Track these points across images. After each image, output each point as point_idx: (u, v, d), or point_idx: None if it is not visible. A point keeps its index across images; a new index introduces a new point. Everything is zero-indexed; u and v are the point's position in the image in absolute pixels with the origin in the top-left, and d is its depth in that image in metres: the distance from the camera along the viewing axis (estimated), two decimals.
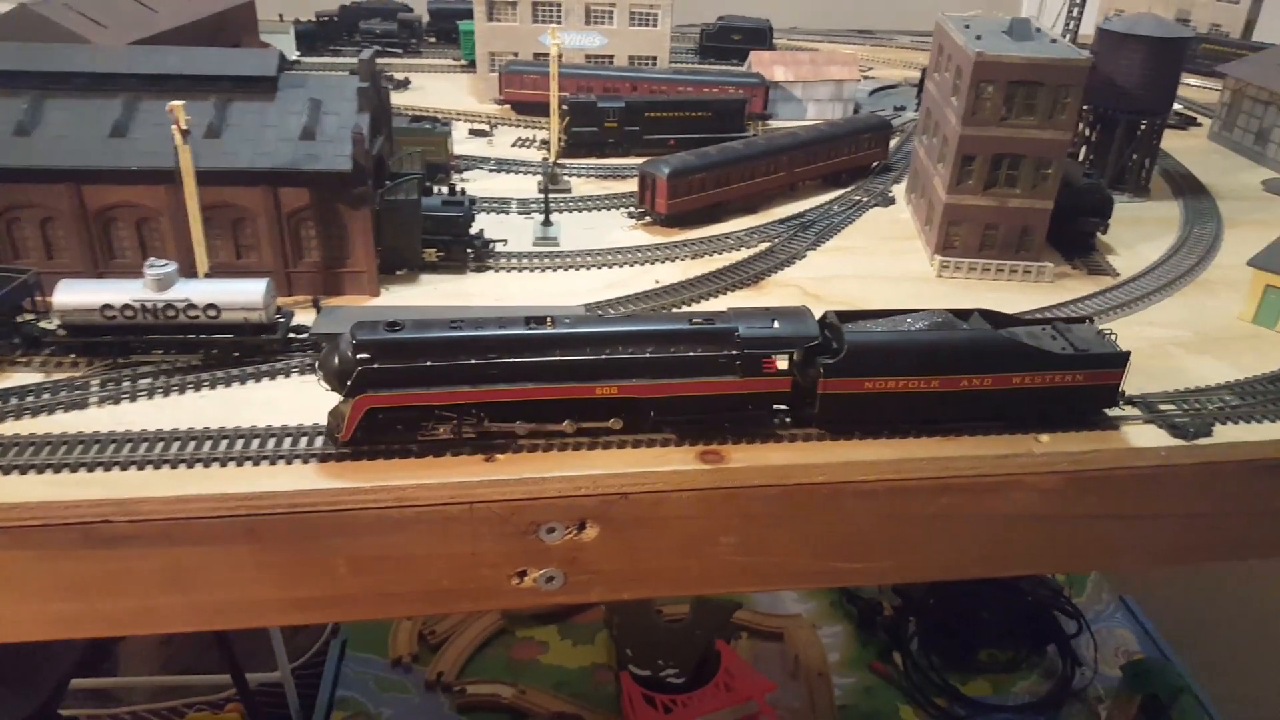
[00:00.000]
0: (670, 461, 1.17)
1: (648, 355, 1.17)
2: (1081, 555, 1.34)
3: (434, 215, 1.54)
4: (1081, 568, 1.34)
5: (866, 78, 2.90)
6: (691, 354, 1.18)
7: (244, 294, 1.26)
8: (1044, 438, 1.26)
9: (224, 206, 1.40)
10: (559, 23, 2.40)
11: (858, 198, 2.01)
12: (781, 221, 1.88)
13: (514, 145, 2.22)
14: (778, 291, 1.62)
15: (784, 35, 3.39)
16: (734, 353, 1.19)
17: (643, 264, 1.68)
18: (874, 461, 1.21)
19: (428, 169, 1.84)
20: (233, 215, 1.41)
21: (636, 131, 2.12)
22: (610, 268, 1.66)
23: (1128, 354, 1.28)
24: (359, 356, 1.09)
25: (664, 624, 2.76)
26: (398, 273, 1.56)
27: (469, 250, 1.60)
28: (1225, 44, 3.15)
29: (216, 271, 1.40)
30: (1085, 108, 2.06)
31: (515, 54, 2.43)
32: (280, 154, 1.39)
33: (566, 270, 1.64)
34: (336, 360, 1.11)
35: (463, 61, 2.72)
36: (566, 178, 2.00)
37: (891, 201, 2.01)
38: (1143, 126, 2.02)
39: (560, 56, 2.38)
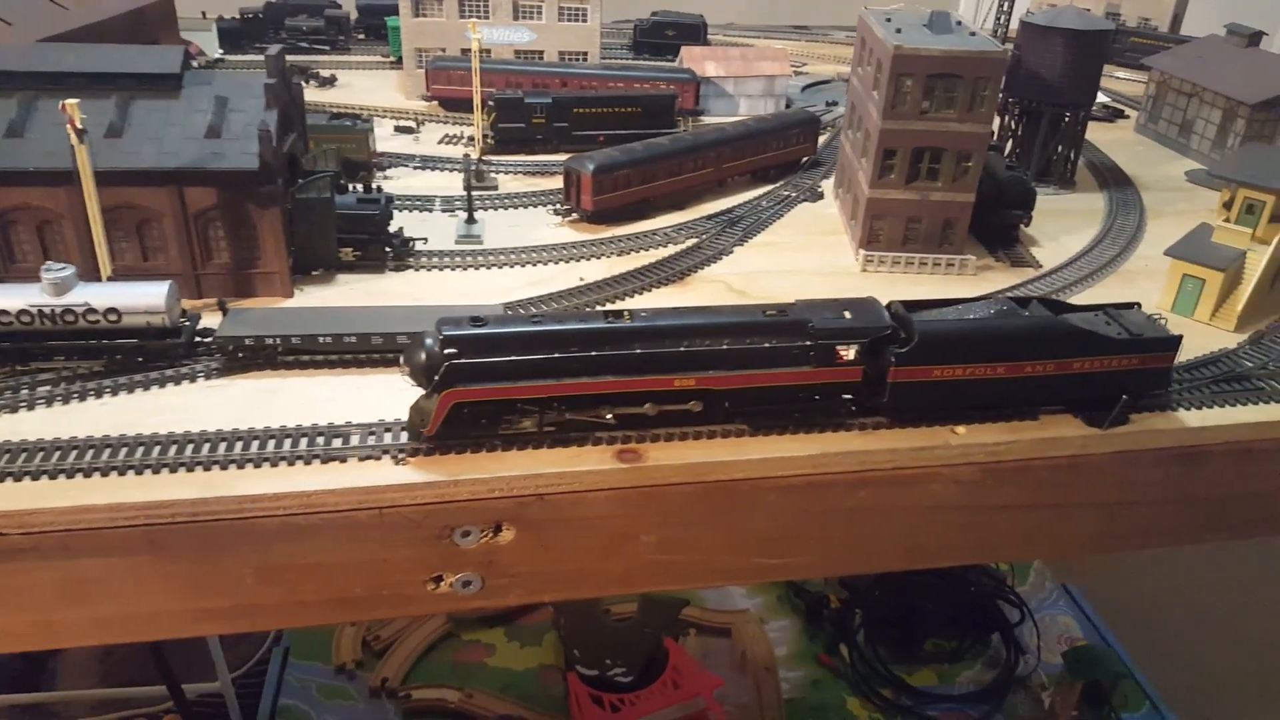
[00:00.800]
0: (587, 461, 1.16)
1: (724, 347, 1.19)
2: (1002, 545, 1.34)
3: (349, 214, 1.51)
4: (1002, 558, 1.35)
5: (800, 73, 2.90)
6: (766, 345, 1.20)
7: (145, 297, 1.22)
8: (960, 429, 1.26)
9: (128, 208, 1.35)
10: (486, 18, 2.37)
11: (786, 193, 2.01)
12: (709, 217, 1.87)
13: (441, 142, 2.19)
14: (703, 288, 1.61)
15: (720, 31, 3.39)
16: (808, 343, 1.20)
17: (567, 261, 1.66)
18: (792, 457, 1.20)
19: (347, 167, 1.81)
20: (138, 217, 1.37)
21: (565, 128, 2.10)
22: (534, 265, 1.63)
23: (1180, 337, 1.30)
24: (447, 351, 1.10)
25: (612, 623, 2.75)
26: (313, 273, 1.52)
27: (387, 249, 1.57)
28: (1153, 37, 3.21)
29: (123, 274, 1.35)
30: (1011, 101, 2.08)
31: (443, 49, 2.39)
32: (185, 153, 1.35)
33: (489, 268, 1.61)
34: (423, 356, 1.11)
35: (392, 58, 2.68)
36: (493, 175, 1.98)
37: (820, 196, 2.01)
38: (1066, 119, 2.04)
39: (489, 52, 2.37)
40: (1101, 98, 2.79)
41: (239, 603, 1.13)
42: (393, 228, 1.59)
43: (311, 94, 2.46)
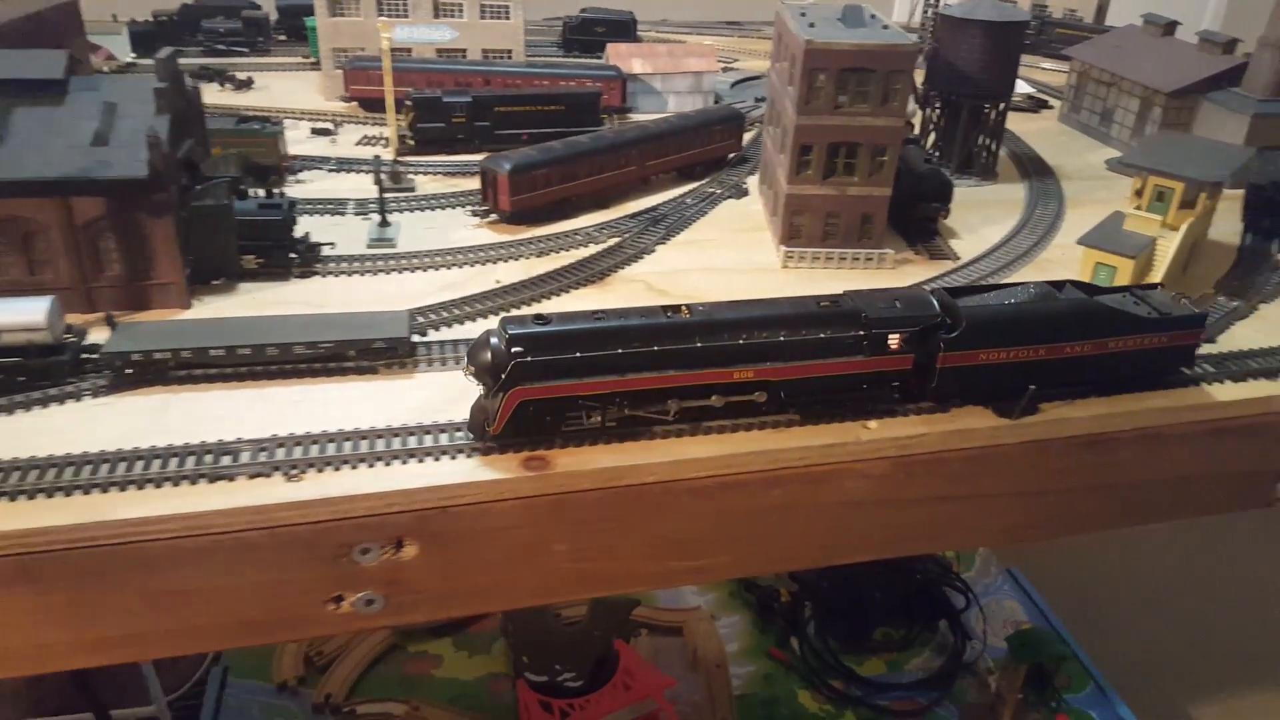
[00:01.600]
0: (491, 471, 1.13)
1: (781, 339, 1.20)
2: (917, 538, 1.34)
3: (249, 220, 1.46)
4: (919, 549, 1.35)
5: (731, 69, 2.89)
6: (822, 335, 1.21)
7: (25, 314, 1.17)
8: (872, 424, 1.25)
9: (11, 220, 1.30)
10: (406, 16, 2.32)
11: (711, 190, 1.99)
12: (633, 216, 1.85)
13: (359, 144, 2.14)
14: (623, 288, 1.59)
15: (653, 28, 3.37)
16: (861, 333, 1.22)
17: (484, 263, 1.62)
18: (703, 458, 1.18)
19: (256, 171, 1.76)
20: (22, 229, 1.31)
21: (487, 127, 2.06)
22: (448, 268, 1.60)
23: (1205, 315, 1.36)
24: (513, 350, 1.11)
25: (561, 627, 2.72)
26: (214, 282, 1.47)
27: (292, 255, 1.53)
28: (1078, 28, 3.24)
29: (9, 290, 1.30)
30: (932, 93, 2.09)
31: (362, 49, 2.34)
32: (70, 162, 1.29)
33: (401, 272, 1.58)
34: (489, 355, 1.11)
35: (312, 59, 2.62)
36: (410, 176, 1.94)
37: (745, 193, 1.99)
38: (987, 110, 2.05)
39: (410, 51, 2.33)
40: (1026, 88, 2.81)
41: (130, 631, 1.08)
42: (299, 233, 1.55)
43: (227, 97, 2.40)
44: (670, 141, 1.95)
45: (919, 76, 2.11)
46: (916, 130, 2.16)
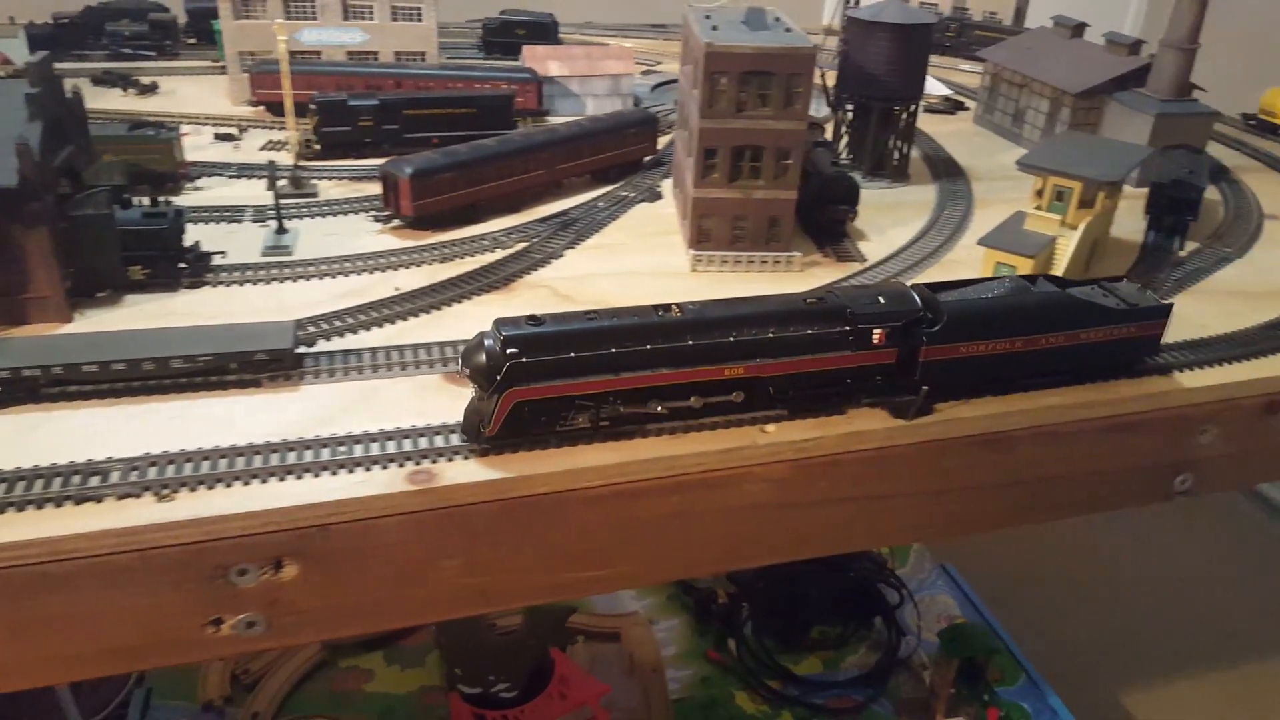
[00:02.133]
0: (373, 486, 1.09)
1: (770, 335, 1.21)
2: (820, 539, 1.33)
3: (134, 229, 1.41)
4: (822, 551, 1.34)
5: (653, 71, 2.88)
6: (809, 332, 1.23)
7: None
8: (770, 428, 1.24)
9: None
10: (315, 19, 2.28)
11: (624, 194, 1.97)
12: (543, 220, 1.83)
13: (263, 149, 2.09)
14: (528, 294, 1.57)
15: (577, 30, 3.35)
16: (847, 328, 1.24)
17: (384, 270, 1.59)
18: (597, 467, 1.16)
19: (150, 178, 1.71)
20: None
21: (395, 130, 2.02)
22: (346, 276, 1.56)
23: (1170, 305, 1.40)
24: (508, 351, 1.10)
25: (495, 637, 2.69)
26: (99, 294, 1.42)
27: (181, 265, 1.48)
28: (996, 30, 3.29)
29: None
30: (843, 96, 2.09)
31: (269, 52, 2.29)
32: None
33: (296, 281, 1.54)
34: (484, 357, 1.11)
35: (221, 63, 2.56)
36: (313, 181, 1.89)
37: (658, 197, 1.98)
38: (897, 112, 2.06)
39: (320, 54, 2.28)
40: (943, 90, 2.84)
41: None
42: (189, 241, 1.50)
43: (130, 102, 2.33)
44: (581, 145, 1.93)
45: (831, 79, 2.12)
46: (829, 133, 2.16)
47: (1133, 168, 1.68)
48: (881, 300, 1.27)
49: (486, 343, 1.12)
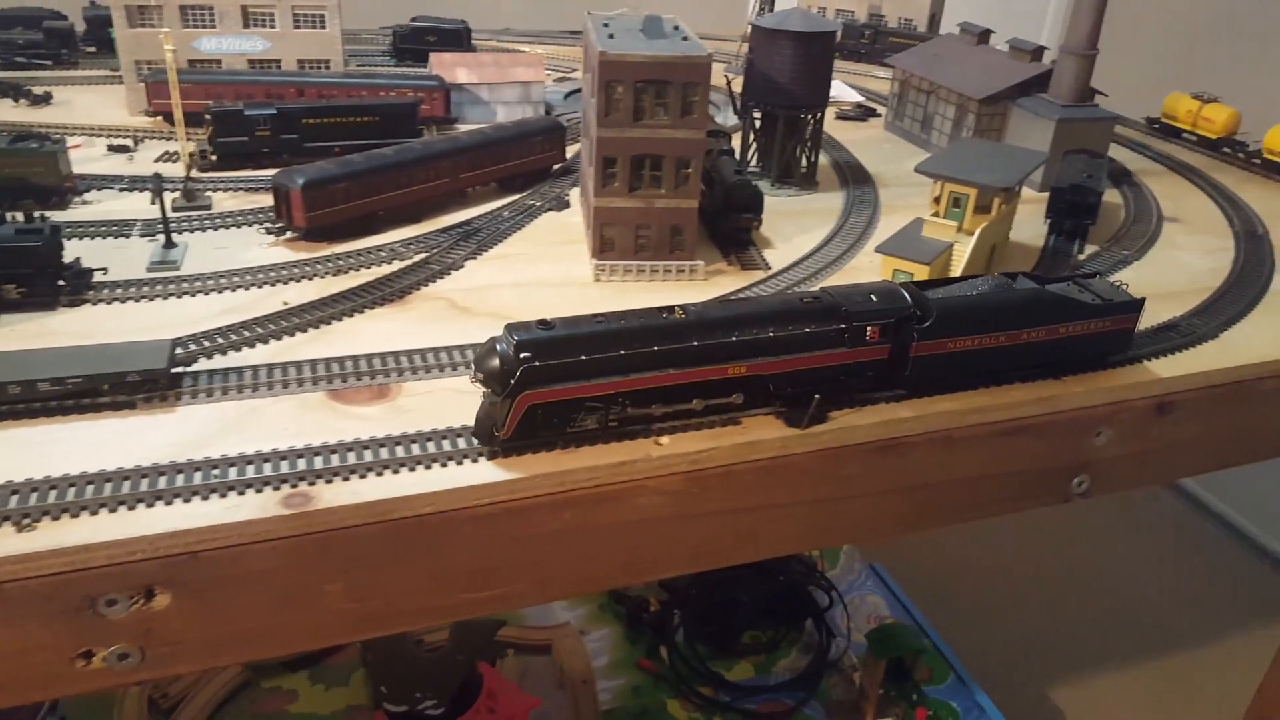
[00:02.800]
0: (245, 510, 1.06)
1: (770, 335, 1.24)
2: (718, 550, 1.32)
3: (6, 247, 1.35)
4: (720, 562, 1.34)
5: (567, 79, 2.86)
6: (807, 330, 1.27)
7: None
8: (663, 440, 1.23)
9: None
10: (214, 26, 2.22)
11: (531, 203, 1.95)
12: (444, 230, 1.79)
13: (158, 160, 2.03)
14: (424, 306, 1.53)
15: (494, 37, 3.32)
16: (842, 326, 1.28)
17: (273, 284, 1.54)
18: (485, 484, 1.14)
19: (34, 192, 1.64)
20: None
21: (294, 140, 1.97)
22: (234, 291, 1.51)
23: (1142, 300, 1.46)
24: (521, 355, 1.12)
25: (422, 654, 2.65)
26: None
27: (59, 282, 1.42)
28: (910, 36, 3.33)
29: None
30: (750, 104, 2.09)
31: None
32: None
33: (181, 297, 1.49)
34: (497, 361, 1.13)
35: (119, 73, 2.48)
36: (207, 193, 1.84)
37: (566, 205, 1.96)
38: (804, 118, 2.07)
39: (220, 63, 2.22)
40: (855, 97, 2.87)
41: None
42: (69, 258, 1.45)
43: (22, 113, 2.25)
44: (485, 153, 1.90)
45: (739, 86, 2.12)
46: (735, 141, 2.16)
47: (1026, 174, 1.71)
48: (874, 298, 1.31)
49: (499, 347, 1.14)
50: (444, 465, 1.15)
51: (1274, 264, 1.95)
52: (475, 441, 1.19)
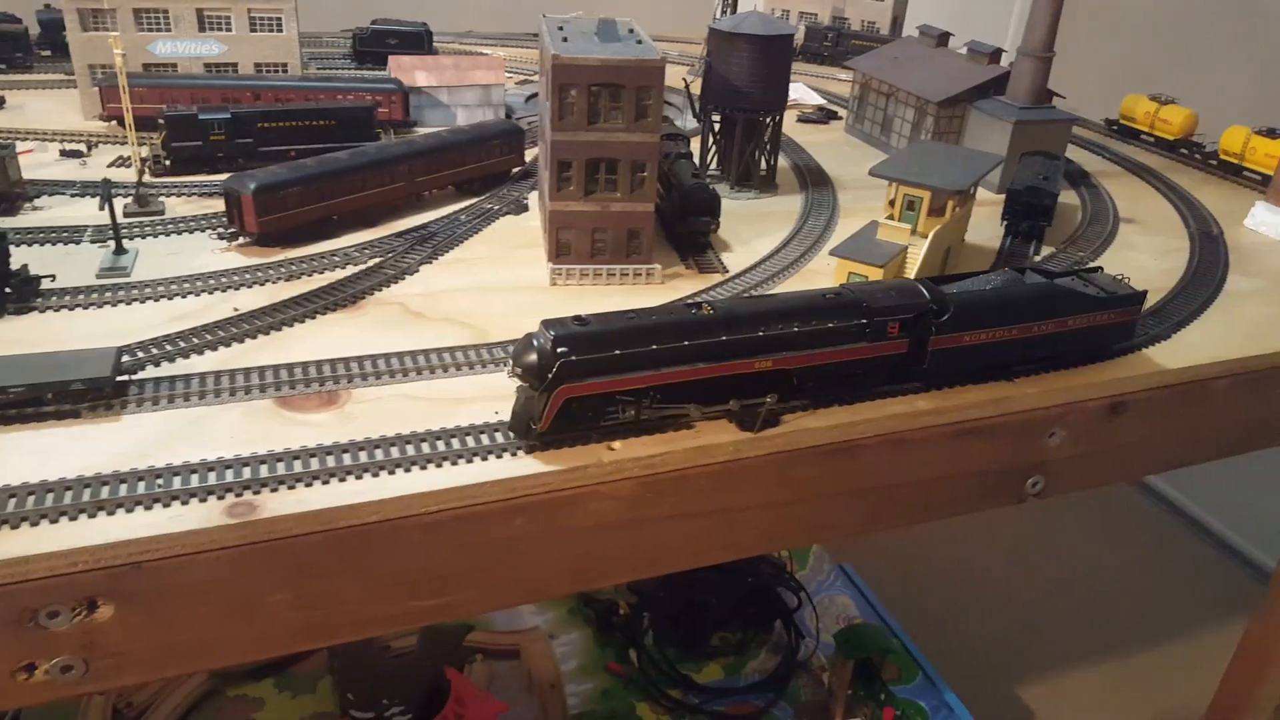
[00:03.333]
0: (189, 520, 1.04)
1: (795, 329, 1.28)
2: (671, 555, 1.32)
3: None
4: (673, 567, 1.34)
5: (528, 81, 2.85)
6: (830, 325, 1.30)
7: None
8: (616, 444, 1.23)
9: None
10: (169, 30, 2.19)
11: (489, 206, 1.94)
12: (400, 234, 1.78)
13: (112, 165, 2.00)
14: (377, 311, 1.52)
15: (457, 39, 3.30)
16: (864, 321, 1.31)
17: (224, 290, 1.53)
18: (433, 492, 1.13)
19: None
20: None
21: (249, 144, 1.96)
22: (184, 297, 1.50)
23: (1144, 293, 1.52)
24: (558, 350, 1.15)
25: (389, 660, 2.63)
26: None
27: (6, 290, 1.40)
28: (873, 39, 3.35)
29: None
30: (710, 107, 2.09)
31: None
32: None
33: (130, 304, 1.47)
34: (535, 356, 1.16)
35: (74, 76, 2.45)
36: (161, 198, 1.82)
37: (525, 209, 1.96)
38: (763, 121, 2.07)
39: (175, 66, 2.20)
40: (816, 99, 2.88)
41: None
42: (16, 264, 1.42)
43: None
44: (441, 157, 1.89)
45: (697, 89, 2.12)
46: (695, 144, 2.16)
47: (980, 177, 1.72)
48: (893, 294, 1.36)
49: (536, 342, 1.17)
50: (391, 473, 1.14)
51: (1228, 264, 1.98)
52: (512, 435, 1.22)
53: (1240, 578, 4.02)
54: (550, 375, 1.15)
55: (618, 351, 1.19)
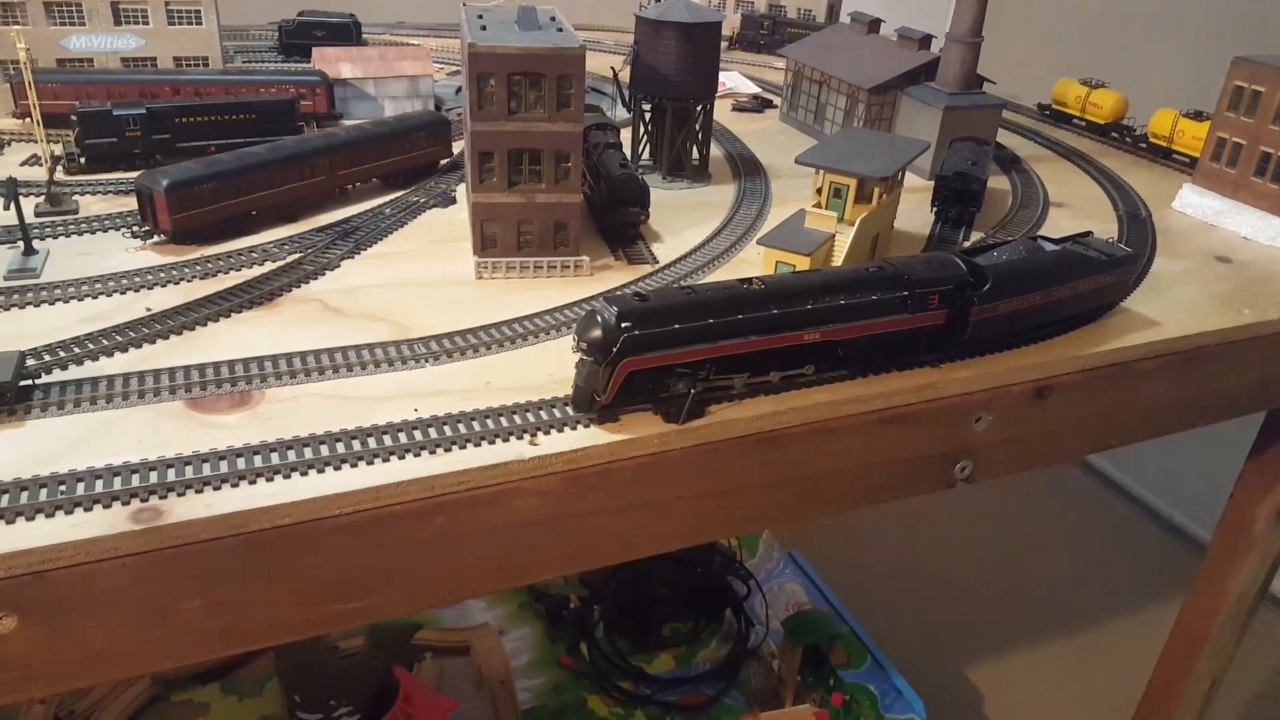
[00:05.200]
0: (92, 527, 1.01)
1: (841, 302, 1.32)
2: (599, 549, 1.31)
3: None
4: (601, 561, 1.33)
5: (459, 72, 2.81)
6: (874, 297, 1.34)
7: None
8: (538, 439, 1.21)
9: None
10: (83, 24, 2.12)
11: (415, 199, 1.91)
12: (322, 229, 1.74)
13: (25, 164, 1.94)
14: (294, 308, 1.49)
15: (389, 30, 3.25)
16: (905, 293, 1.36)
17: (137, 290, 1.48)
18: (347, 492, 1.10)
19: None
20: None
21: (166, 140, 1.90)
22: (95, 298, 1.45)
23: (1139, 254, 1.65)
24: (622, 325, 1.19)
25: (336, 660, 2.60)
26: None
27: None
28: (809, 27, 3.36)
29: None
30: (640, 96, 2.08)
31: (35, 60, 2.13)
32: None
33: (39, 305, 1.42)
34: (600, 331, 1.19)
35: None
36: (74, 197, 1.76)
37: (453, 201, 1.93)
38: (693, 110, 2.06)
39: (91, 61, 2.14)
40: (752, 88, 2.88)
41: None
42: None
43: None
44: (363, 149, 1.86)
45: (626, 78, 2.11)
46: (627, 134, 2.15)
47: (906, 163, 1.72)
48: (931, 266, 1.40)
49: (600, 317, 1.20)
50: (304, 474, 1.11)
51: (1155, 246, 2.01)
52: (571, 410, 1.25)
53: (1180, 554, 4.11)
54: (615, 349, 1.18)
55: (677, 326, 1.22)
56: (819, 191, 1.65)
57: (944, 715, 2.82)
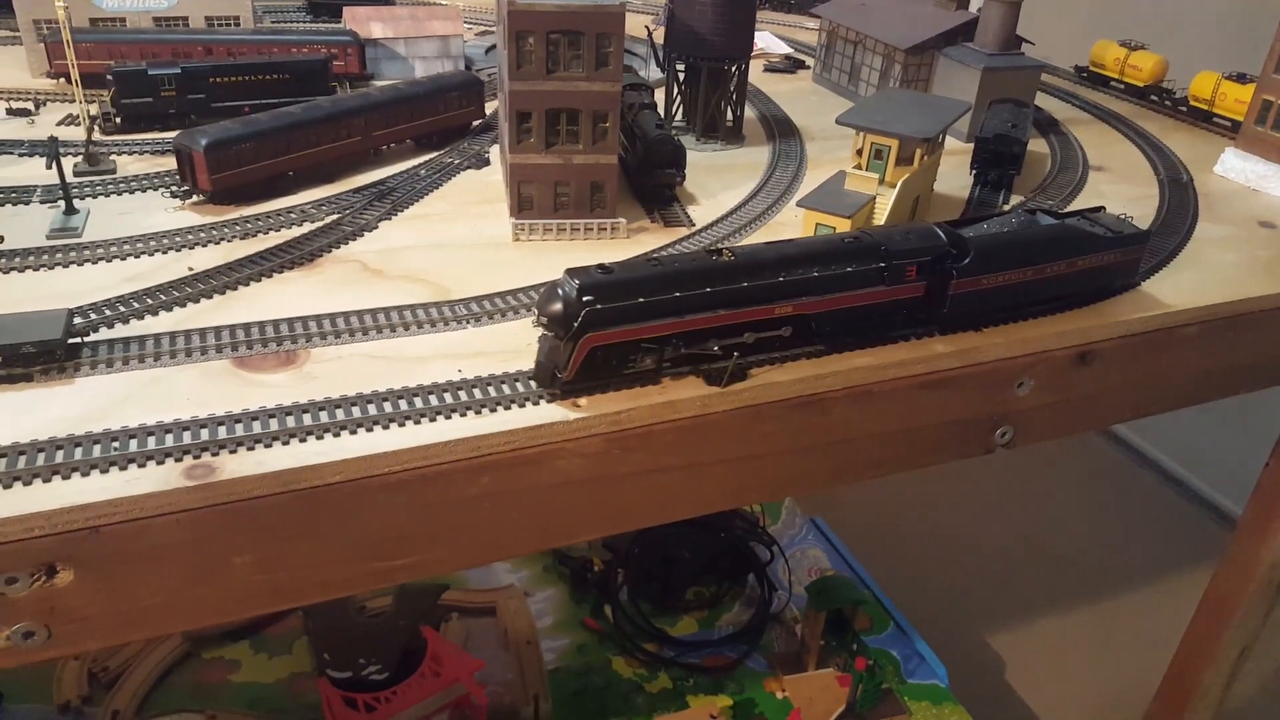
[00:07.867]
0: (147, 483, 1.02)
1: (814, 274, 1.27)
2: (639, 512, 1.31)
3: None
4: (640, 523, 1.33)
5: (489, 32, 2.79)
6: (849, 269, 1.29)
7: None
8: (582, 401, 1.21)
9: None
10: None
11: (449, 160, 1.90)
12: (358, 190, 1.74)
13: (61, 124, 1.94)
14: (334, 269, 1.49)
15: None
16: (882, 265, 1.31)
17: (178, 249, 1.49)
18: (395, 451, 1.11)
19: None
20: None
21: (201, 100, 1.90)
22: (137, 257, 1.45)
23: (1149, 233, 1.54)
24: (584, 299, 1.14)
25: (364, 619, 2.65)
26: None
27: None
28: None
29: None
30: (674, 57, 2.06)
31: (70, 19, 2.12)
32: None
33: (82, 265, 1.42)
34: (560, 305, 1.15)
35: (19, 33, 2.37)
36: (112, 157, 1.76)
37: (486, 163, 1.92)
38: (728, 70, 2.03)
39: (124, 21, 2.13)
40: (784, 48, 2.84)
41: None
42: None
43: None
44: (398, 110, 1.85)
45: (660, 38, 2.08)
46: (660, 95, 2.12)
47: (948, 125, 1.70)
48: (911, 237, 1.35)
49: (561, 291, 1.16)
50: (353, 433, 1.12)
51: (1197, 212, 1.98)
52: (534, 385, 1.21)
53: (1207, 525, 4.09)
54: (576, 324, 1.14)
55: (641, 300, 1.18)
56: (859, 153, 1.64)
57: (966, 681, 2.84)
